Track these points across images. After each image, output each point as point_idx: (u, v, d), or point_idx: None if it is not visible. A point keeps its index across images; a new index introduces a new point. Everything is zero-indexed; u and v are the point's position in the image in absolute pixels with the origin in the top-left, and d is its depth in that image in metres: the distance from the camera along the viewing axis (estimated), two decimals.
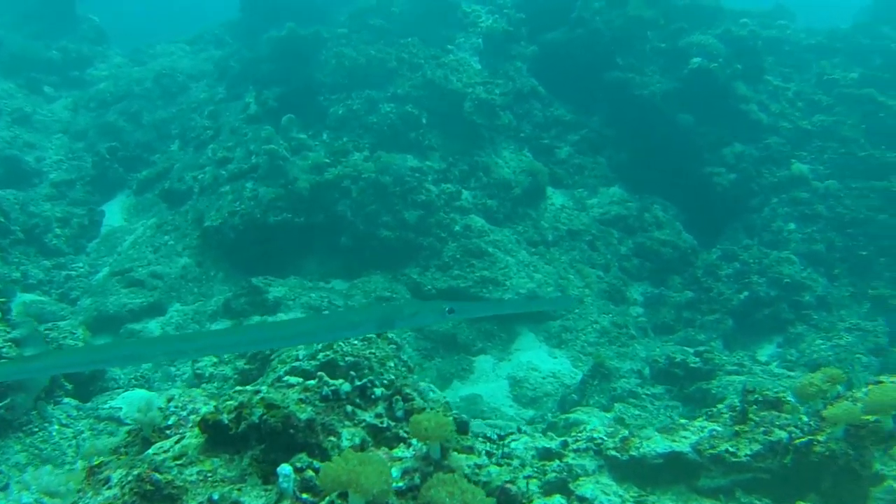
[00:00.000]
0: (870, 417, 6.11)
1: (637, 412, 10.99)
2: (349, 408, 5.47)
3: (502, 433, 7.05)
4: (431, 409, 5.54)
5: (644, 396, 12.11)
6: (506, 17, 20.64)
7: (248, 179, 16.63)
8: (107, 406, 9.55)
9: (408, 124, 17.03)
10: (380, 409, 5.60)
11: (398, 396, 5.64)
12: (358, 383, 5.70)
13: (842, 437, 6.13)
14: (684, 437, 6.89)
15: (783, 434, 6.52)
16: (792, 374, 13.23)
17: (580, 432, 7.12)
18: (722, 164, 18.52)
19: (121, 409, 9.48)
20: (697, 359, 12.96)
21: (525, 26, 20.37)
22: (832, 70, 21.67)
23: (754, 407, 6.94)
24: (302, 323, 8.37)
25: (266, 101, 18.82)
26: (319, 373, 5.83)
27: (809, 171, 18.70)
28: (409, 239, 15.35)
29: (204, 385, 10.33)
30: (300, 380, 6.01)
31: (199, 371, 10.79)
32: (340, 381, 5.68)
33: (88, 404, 9.63)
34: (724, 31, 20.15)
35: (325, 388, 5.52)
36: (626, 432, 7.01)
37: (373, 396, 5.65)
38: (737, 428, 6.77)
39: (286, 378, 6.50)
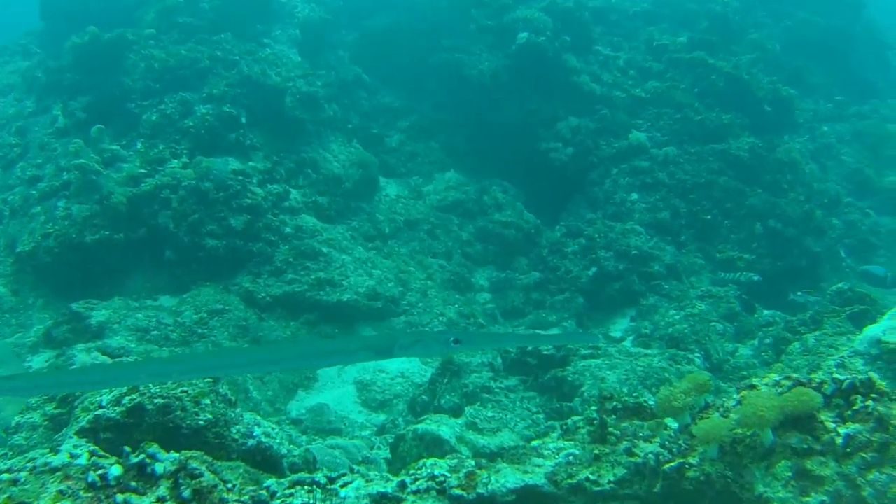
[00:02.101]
0: (746, 431, 5.44)
1: (491, 413, 10.81)
2: (120, 498, 4.78)
3: (333, 475, 6.47)
4: (225, 484, 5.07)
5: (498, 390, 11.98)
6: (323, 6, 20.41)
7: (59, 198, 15.92)
8: None
9: (227, 125, 16.58)
10: (162, 490, 4.92)
11: (184, 472, 5.00)
12: (134, 460, 5.02)
13: (716, 456, 5.49)
14: (537, 466, 6.22)
15: (649, 448, 5.97)
16: (648, 352, 13.37)
17: (419, 469, 6.34)
18: (558, 139, 18.68)
19: None
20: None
21: (344, 13, 20.20)
22: (661, 36, 22.16)
23: (613, 417, 6.51)
24: (295, 347, 8.40)
25: (73, 112, 18.07)
26: (92, 448, 5.27)
27: (647, 139, 19.05)
28: (237, 246, 14.94)
29: (13, 437, 9.75)
30: (82, 449, 5.29)
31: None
32: (112, 460, 5.08)
33: None
34: (550, 3, 20.24)
35: (92, 473, 4.84)
36: (472, 463, 6.36)
37: (154, 474, 4.99)
38: (596, 451, 6.14)
39: (68, 446, 5.58)
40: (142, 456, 5.07)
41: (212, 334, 13.54)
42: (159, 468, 5.01)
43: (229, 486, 5.28)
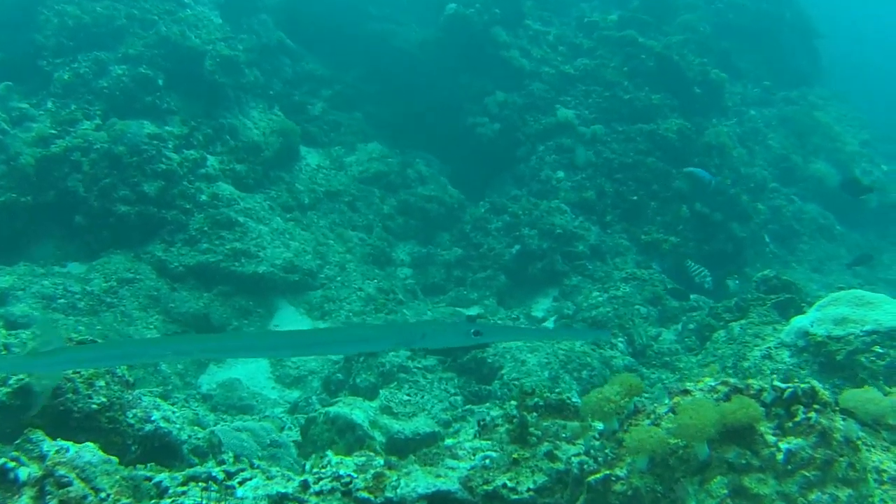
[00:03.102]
0: (679, 441, 4.91)
1: (406, 397, 10.60)
2: None
3: (232, 469, 6.09)
4: (97, 493, 4.67)
5: (415, 370, 11.78)
6: None
7: None
8: None
9: (143, 87, 16.14)
10: (25, 500, 4.46)
11: (51, 480, 4.55)
12: None
13: (646, 468, 4.97)
14: (451, 469, 5.72)
15: (572, 451, 5.54)
16: None
17: (323, 467, 5.94)
18: (485, 113, 18.61)
19: None
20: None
21: None
22: (591, 13, 22.20)
23: (534, 414, 6.08)
24: (320, 334, 8.55)
25: None
26: None
27: (575, 117, 19.02)
28: (150, 213, 14.56)
29: None
30: None
31: None
32: None
33: None
34: None
35: None
36: (381, 462, 5.96)
37: (16, 481, 4.50)
38: (515, 454, 5.62)
39: None
40: (2, 460, 4.62)
41: (121, 304, 13.21)
42: (23, 474, 4.58)
43: (101, 496, 4.86)
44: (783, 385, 5.04)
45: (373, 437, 8.85)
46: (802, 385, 4.99)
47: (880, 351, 8.89)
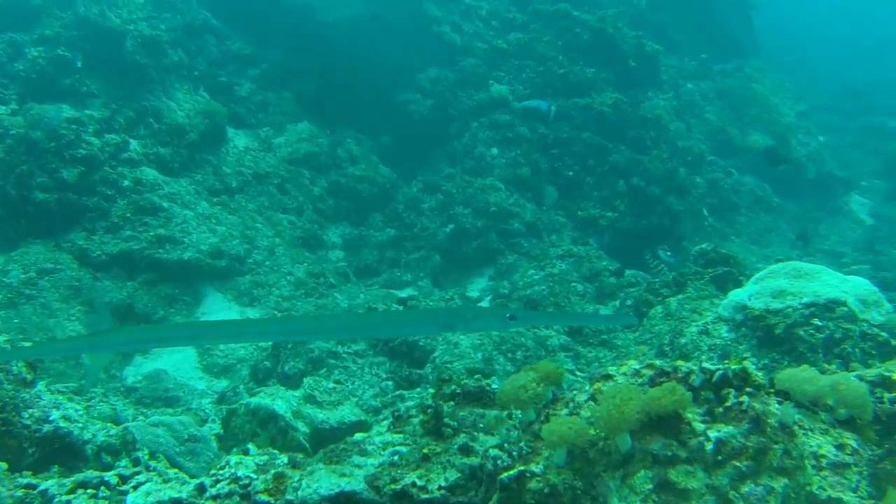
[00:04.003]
0: (599, 432, 4.54)
1: (332, 385, 10.31)
2: None
3: (127, 472, 5.73)
4: None
5: (345, 356, 11.48)
6: None
7: None
8: None
9: (61, 70, 15.66)
10: None
11: None
12: None
13: (564, 463, 4.57)
14: (358, 467, 5.35)
15: (490, 443, 5.16)
16: None
17: (222, 468, 5.58)
18: (417, 90, 18.38)
19: None
20: (401, 307, 12.63)
21: None
22: None
23: (451, 404, 5.69)
24: (364, 317, 8.89)
25: None
26: None
27: (509, 92, 18.84)
28: (70, 200, 14.12)
29: None
30: None
31: None
32: None
33: None
34: None
35: None
36: (285, 460, 5.68)
37: None
38: (426, 449, 5.24)
39: None
40: None
41: (41, 295, 12.80)
42: None
43: None
44: (712, 367, 4.73)
45: (296, 428, 8.61)
46: (733, 366, 4.70)
47: (819, 323, 8.78)
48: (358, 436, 5.92)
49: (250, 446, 8.27)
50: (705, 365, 4.76)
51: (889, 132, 31.22)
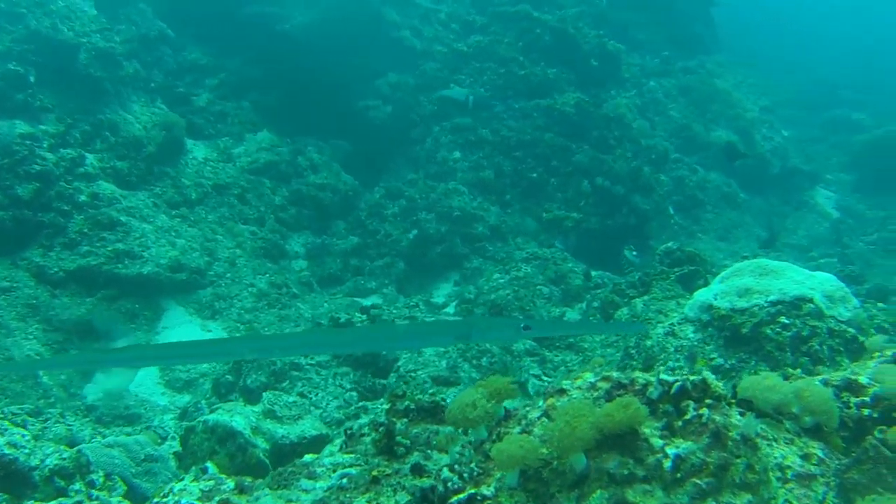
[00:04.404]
0: (553, 452, 4.27)
1: (293, 399, 10.18)
2: None
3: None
4: None
5: (308, 367, 11.36)
6: None
7: None
8: None
9: (13, 85, 15.42)
10: None
11: None
12: None
13: (516, 484, 4.33)
14: (304, 492, 5.06)
15: (444, 461, 4.89)
16: None
17: (165, 496, 5.32)
18: (377, 96, 18.27)
19: None
20: (363, 316, 12.49)
21: None
22: None
23: (404, 421, 5.50)
24: (378, 330, 8.83)
25: None
26: None
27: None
28: (25, 217, 13.89)
29: None
30: None
31: None
32: None
33: None
34: None
35: None
36: (231, 486, 5.33)
37: None
38: (376, 471, 4.90)
39: None
40: None
41: None
42: None
43: None
44: (670, 378, 4.50)
45: (255, 445, 8.47)
46: (692, 377, 4.48)
47: (786, 321, 8.66)
48: (308, 457, 5.66)
49: (209, 465, 8.13)
50: (663, 376, 4.54)
51: (853, 125, 31.35)
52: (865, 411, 5.12)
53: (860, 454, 4.70)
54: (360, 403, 10.35)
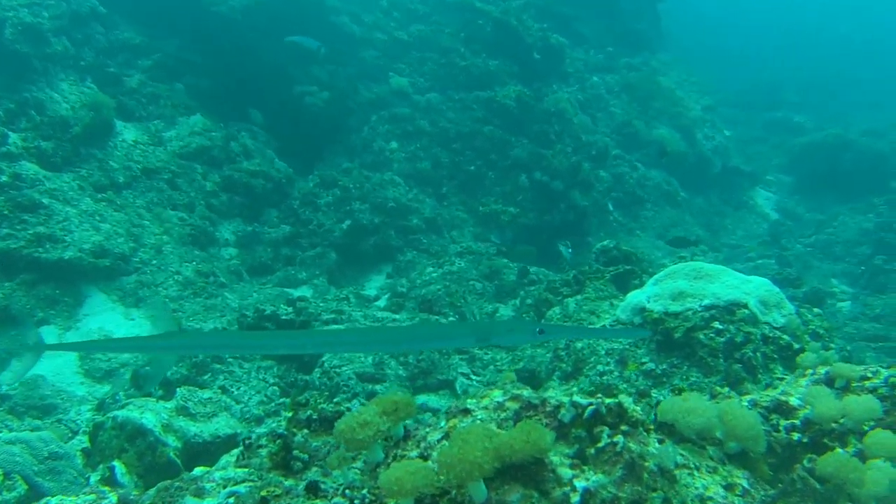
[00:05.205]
0: (451, 480, 3.80)
1: (208, 395, 9.86)
2: None
3: None
4: None
5: (231, 360, 11.13)
6: None
7: None
8: None
9: None
10: None
11: None
12: None
13: None
14: None
15: (341, 481, 4.41)
16: (397, 317, 12.86)
17: None
18: (314, 82, 17.97)
19: None
20: (290, 308, 12.21)
21: None
22: None
23: (305, 432, 5.06)
24: (402, 331, 8.68)
25: None
26: None
27: (409, 85, 18.56)
28: None
29: None
30: None
31: None
32: None
33: None
34: None
35: None
36: (114, 500, 4.94)
37: None
38: (265, 491, 4.34)
39: None
40: None
41: None
42: None
43: None
44: (583, 401, 4.27)
45: (166, 444, 8.19)
46: (608, 401, 4.26)
47: (719, 327, 8.57)
48: (198, 470, 5.22)
49: (116, 464, 7.85)
50: (576, 399, 4.31)
51: (794, 127, 31.67)
52: (795, 436, 5.03)
53: (787, 486, 4.54)
54: (280, 400, 10.15)
